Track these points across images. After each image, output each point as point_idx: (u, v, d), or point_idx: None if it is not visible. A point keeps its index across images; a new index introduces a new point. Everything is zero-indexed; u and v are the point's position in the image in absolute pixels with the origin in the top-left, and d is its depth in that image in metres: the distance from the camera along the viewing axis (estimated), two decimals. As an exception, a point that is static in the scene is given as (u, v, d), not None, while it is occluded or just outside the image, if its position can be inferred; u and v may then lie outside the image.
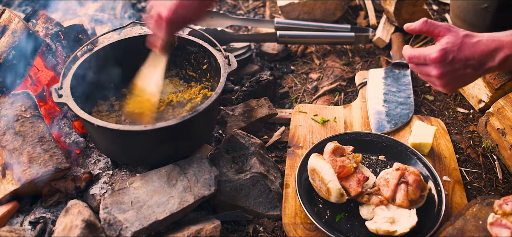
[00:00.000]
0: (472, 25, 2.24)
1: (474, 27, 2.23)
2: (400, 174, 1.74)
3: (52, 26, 2.22)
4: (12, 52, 1.95)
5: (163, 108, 2.05)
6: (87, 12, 3.11)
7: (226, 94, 2.47)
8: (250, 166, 1.89)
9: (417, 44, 2.86)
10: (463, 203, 1.82)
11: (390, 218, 1.67)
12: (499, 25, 2.09)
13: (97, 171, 1.93)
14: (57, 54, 2.15)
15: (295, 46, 2.91)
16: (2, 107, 1.90)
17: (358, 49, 2.88)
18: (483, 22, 2.19)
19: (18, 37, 1.95)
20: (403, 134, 2.16)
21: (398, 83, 2.45)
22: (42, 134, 1.85)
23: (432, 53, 1.57)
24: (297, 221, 1.75)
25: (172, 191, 1.71)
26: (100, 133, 1.76)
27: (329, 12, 3.02)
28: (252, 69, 2.67)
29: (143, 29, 2.37)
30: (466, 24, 2.28)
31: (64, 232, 1.59)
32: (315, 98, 2.51)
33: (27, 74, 2.03)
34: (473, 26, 2.23)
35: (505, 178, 2.02)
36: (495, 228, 1.54)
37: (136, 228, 1.59)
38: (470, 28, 2.26)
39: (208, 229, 1.65)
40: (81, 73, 1.95)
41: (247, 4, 3.41)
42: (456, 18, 2.41)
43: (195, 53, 2.15)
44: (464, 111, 2.39)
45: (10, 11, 2.01)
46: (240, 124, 2.16)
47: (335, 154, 1.80)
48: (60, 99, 1.75)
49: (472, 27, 2.24)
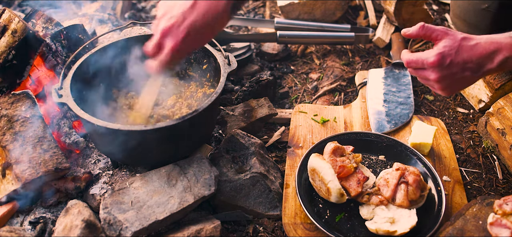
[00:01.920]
0: (472, 25, 2.24)
1: (474, 27, 2.23)
2: (400, 174, 1.74)
3: (52, 26, 2.22)
4: (12, 52, 1.95)
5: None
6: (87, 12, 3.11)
7: (226, 94, 2.47)
8: (250, 166, 1.89)
9: (417, 44, 2.86)
10: (463, 203, 1.82)
11: (390, 218, 1.67)
12: (500, 25, 2.09)
13: (97, 171, 1.92)
14: (57, 54, 2.15)
15: (295, 46, 2.91)
16: (2, 107, 1.90)
17: (358, 49, 2.88)
18: (484, 22, 2.19)
19: (18, 37, 1.95)
20: (403, 134, 2.16)
21: (398, 83, 2.45)
22: (42, 134, 1.85)
23: (429, 57, 1.57)
24: (297, 221, 1.75)
25: (172, 191, 1.71)
26: (100, 133, 1.76)
27: (329, 12, 3.02)
28: (252, 69, 2.67)
29: (143, 29, 2.37)
30: (466, 24, 2.28)
31: (64, 232, 1.59)
32: (315, 98, 2.51)
33: (27, 74, 2.03)
34: (474, 26, 2.23)
35: (505, 178, 2.02)
36: (495, 228, 1.54)
37: (136, 228, 1.59)
38: (471, 28, 2.26)
39: (208, 229, 1.65)
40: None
41: (247, 4, 3.41)
42: (456, 18, 2.41)
43: (195, 53, 2.15)
44: (464, 111, 2.39)
45: (10, 11, 2.01)
46: (240, 124, 2.16)
47: (335, 154, 1.80)
48: (60, 99, 1.75)
49: (472, 27, 2.24)
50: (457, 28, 2.39)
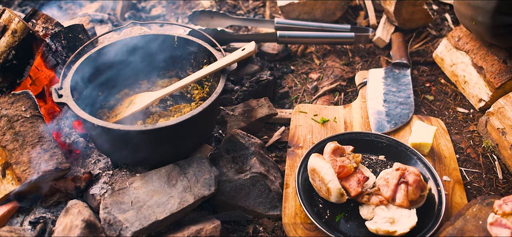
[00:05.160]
0: (476, 7, 2.19)
1: (478, 10, 2.18)
2: (400, 174, 1.74)
3: (52, 26, 2.22)
4: (12, 52, 1.95)
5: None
6: (87, 12, 3.11)
7: (226, 94, 2.47)
8: (250, 166, 1.89)
9: (416, 44, 2.86)
10: (463, 203, 1.82)
11: (390, 218, 1.67)
12: (504, 9, 2.06)
13: (97, 171, 1.92)
14: (57, 54, 2.15)
15: (295, 46, 2.91)
16: (2, 107, 1.90)
17: (358, 49, 2.88)
18: (489, 4, 2.13)
19: (18, 37, 1.95)
20: (403, 134, 2.16)
21: (398, 83, 2.44)
22: (42, 134, 1.85)
23: None
24: (297, 221, 1.75)
25: (172, 191, 1.71)
26: (100, 133, 1.76)
27: (329, 12, 3.02)
28: (252, 69, 2.67)
29: (142, 29, 2.37)
30: (470, 7, 2.24)
31: (64, 232, 1.59)
32: (315, 98, 2.51)
33: (27, 74, 2.03)
34: (477, 8, 2.18)
35: (505, 178, 2.01)
36: (495, 228, 1.54)
37: (136, 228, 1.59)
38: (475, 11, 2.21)
39: (208, 229, 1.65)
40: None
41: (247, 4, 3.40)
42: (459, 4, 2.35)
43: (195, 53, 2.15)
44: (464, 111, 2.39)
45: (10, 11, 2.01)
46: (240, 124, 2.16)
47: (335, 154, 1.80)
48: (60, 99, 1.75)
49: (476, 9, 2.19)
50: (461, 13, 2.34)
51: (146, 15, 3.33)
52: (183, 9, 3.38)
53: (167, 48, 2.16)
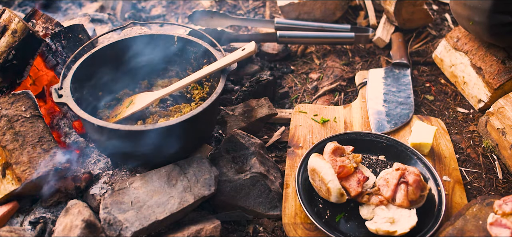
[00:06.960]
0: (472, 7, 2.19)
1: (474, 10, 2.18)
2: (400, 174, 1.74)
3: (52, 26, 2.22)
4: (12, 52, 1.95)
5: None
6: (87, 12, 3.11)
7: (226, 94, 2.47)
8: (250, 166, 1.89)
9: (416, 44, 2.86)
10: (463, 203, 1.82)
11: (390, 218, 1.67)
12: (500, 8, 2.05)
13: (97, 171, 1.92)
14: (57, 54, 2.15)
15: (295, 46, 2.91)
16: (2, 107, 1.90)
17: (358, 49, 2.88)
18: (484, 4, 2.13)
19: (18, 37, 1.95)
20: (403, 134, 2.16)
21: (398, 83, 2.45)
22: (42, 134, 1.85)
23: None
24: (297, 221, 1.75)
25: (172, 191, 1.71)
26: (100, 133, 1.76)
27: (329, 12, 3.02)
28: (252, 69, 2.67)
29: (143, 29, 2.37)
30: (466, 8, 2.23)
31: (64, 232, 1.59)
32: (315, 98, 2.51)
33: (27, 74, 2.03)
34: (474, 8, 2.18)
35: (505, 178, 2.02)
36: (495, 228, 1.54)
37: (136, 228, 1.59)
38: (471, 11, 2.21)
39: (208, 229, 1.65)
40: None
41: (247, 4, 3.41)
42: (455, 4, 2.35)
43: (195, 53, 2.15)
44: (464, 111, 2.39)
45: (10, 11, 2.01)
46: (240, 124, 2.16)
47: (335, 154, 1.80)
48: (60, 99, 1.75)
49: (472, 9, 2.19)
50: (457, 14, 2.34)
51: (146, 15, 3.33)
52: (183, 9, 3.38)
53: (167, 48, 2.16)
